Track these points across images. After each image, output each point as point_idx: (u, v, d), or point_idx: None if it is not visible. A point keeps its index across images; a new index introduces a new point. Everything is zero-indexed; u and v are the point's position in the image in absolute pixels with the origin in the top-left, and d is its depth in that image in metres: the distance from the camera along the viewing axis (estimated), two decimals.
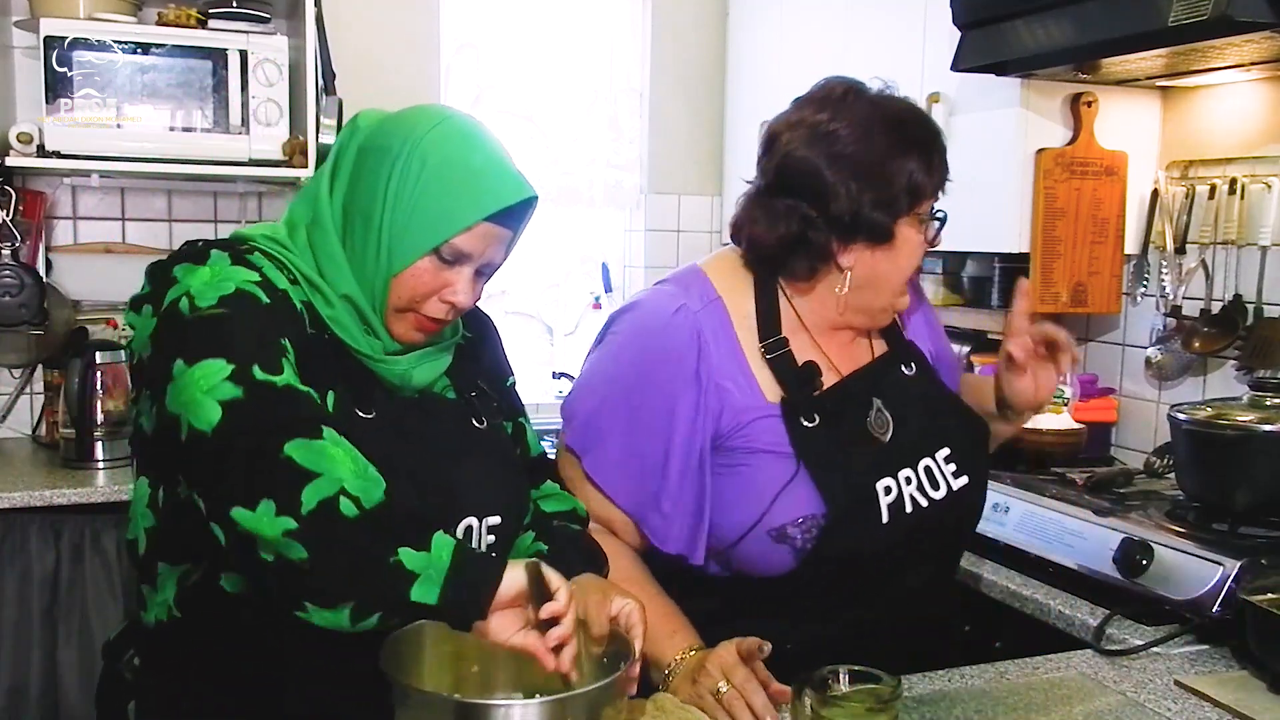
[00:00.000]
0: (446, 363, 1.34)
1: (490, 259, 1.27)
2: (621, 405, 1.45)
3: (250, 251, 1.23)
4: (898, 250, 1.44)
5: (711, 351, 1.44)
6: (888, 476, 1.45)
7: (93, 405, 2.68)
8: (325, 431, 1.07)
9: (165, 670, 1.29)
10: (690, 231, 3.68)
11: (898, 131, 1.42)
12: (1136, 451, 2.48)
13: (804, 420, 1.43)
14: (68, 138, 2.60)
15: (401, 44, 3.26)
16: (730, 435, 1.43)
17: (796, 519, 1.40)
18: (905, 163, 1.41)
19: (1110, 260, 2.45)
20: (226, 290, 1.14)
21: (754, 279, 1.50)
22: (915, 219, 1.44)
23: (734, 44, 3.53)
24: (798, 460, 1.41)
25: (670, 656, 1.35)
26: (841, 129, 1.41)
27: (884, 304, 1.49)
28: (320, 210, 1.26)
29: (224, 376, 1.06)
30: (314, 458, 1.04)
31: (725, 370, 1.44)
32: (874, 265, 1.45)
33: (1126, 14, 1.91)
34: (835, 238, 1.42)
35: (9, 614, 2.43)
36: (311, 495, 1.02)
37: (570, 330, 3.71)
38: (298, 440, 1.04)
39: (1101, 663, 1.53)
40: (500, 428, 1.41)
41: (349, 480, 1.04)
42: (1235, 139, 2.31)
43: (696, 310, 1.46)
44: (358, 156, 1.25)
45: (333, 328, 1.24)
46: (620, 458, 1.45)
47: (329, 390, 1.21)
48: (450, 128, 1.25)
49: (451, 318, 1.28)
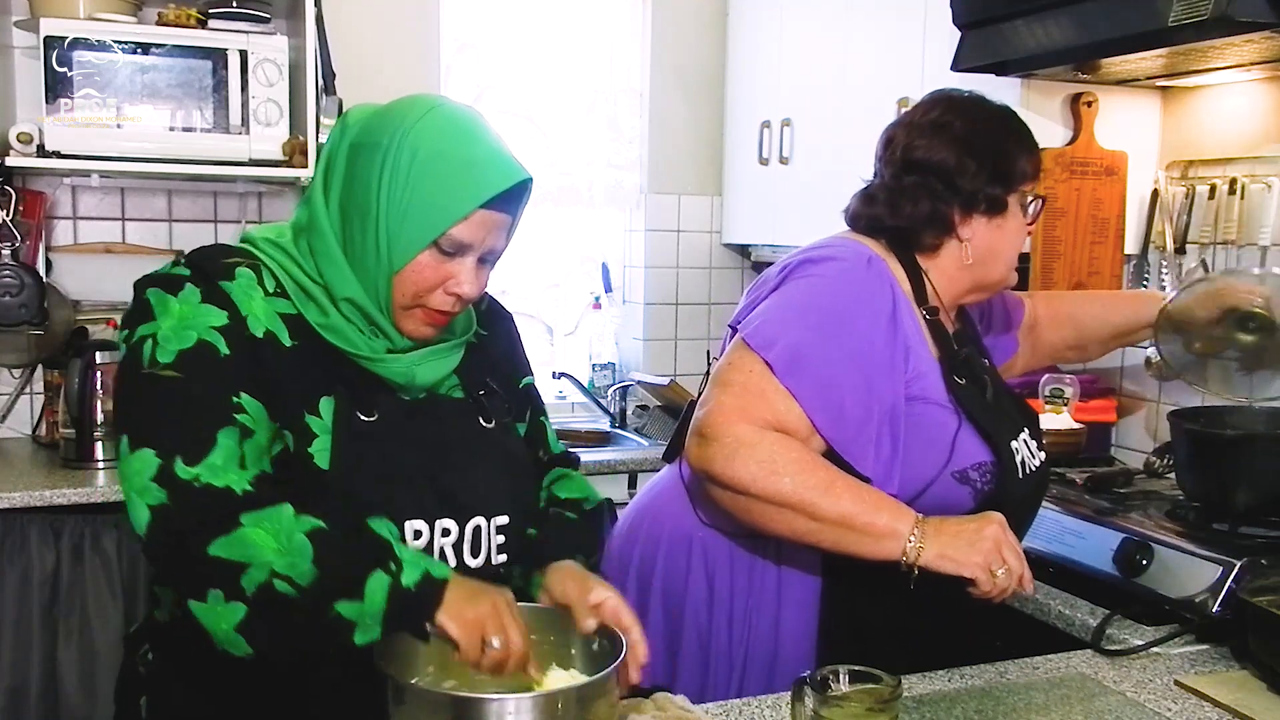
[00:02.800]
0: (454, 361, 1.33)
1: (492, 246, 1.27)
2: (830, 336, 1.48)
3: (236, 266, 1.23)
4: (1009, 223, 1.61)
5: (900, 302, 1.55)
6: (1010, 439, 1.59)
7: (93, 405, 2.69)
8: (243, 518, 1.11)
9: (176, 667, 1.30)
10: (690, 231, 3.68)
11: (1005, 121, 1.64)
12: (1136, 451, 2.48)
13: (957, 378, 1.57)
14: (68, 138, 2.60)
15: (401, 44, 3.26)
16: (911, 383, 1.52)
17: (974, 463, 1.54)
18: (1017, 145, 1.61)
19: (1110, 260, 2.45)
20: (187, 343, 1.18)
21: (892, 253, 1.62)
22: (1022, 196, 1.62)
23: (734, 44, 3.53)
24: (958, 413, 1.54)
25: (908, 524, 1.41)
26: (956, 120, 1.59)
27: (999, 276, 1.64)
28: (317, 213, 1.26)
29: (150, 476, 1.12)
30: (238, 549, 1.09)
31: (907, 321, 1.55)
32: (989, 236, 1.60)
33: (1126, 14, 1.91)
34: (958, 210, 1.58)
35: (9, 614, 2.43)
36: (249, 582, 1.09)
37: (570, 330, 3.71)
38: (218, 540, 1.10)
39: (1101, 663, 1.53)
40: (510, 428, 1.40)
41: (276, 561, 1.09)
42: (1235, 139, 2.31)
43: (881, 265, 1.57)
44: (349, 154, 1.25)
45: (326, 336, 1.24)
46: (824, 383, 1.46)
47: (327, 396, 1.22)
48: (438, 117, 1.24)
49: (459, 309, 1.28)
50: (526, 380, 1.48)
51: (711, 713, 1.33)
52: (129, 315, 1.23)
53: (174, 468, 1.12)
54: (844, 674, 1.16)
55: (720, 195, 3.66)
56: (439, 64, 3.33)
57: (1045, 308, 2.01)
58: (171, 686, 1.30)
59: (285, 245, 1.27)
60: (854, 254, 1.57)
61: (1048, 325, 1.99)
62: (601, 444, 3.41)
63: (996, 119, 1.63)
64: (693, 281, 3.69)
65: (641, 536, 1.67)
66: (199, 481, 1.12)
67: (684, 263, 3.67)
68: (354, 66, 3.05)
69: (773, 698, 1.37)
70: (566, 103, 3.52)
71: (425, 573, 1.13)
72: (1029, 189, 1.63)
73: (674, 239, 3.67)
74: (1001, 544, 1.40)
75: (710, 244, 3.68)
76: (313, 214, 1.26)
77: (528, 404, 1.47)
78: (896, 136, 1.63)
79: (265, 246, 1.27)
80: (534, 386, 1.49)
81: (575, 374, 3.61)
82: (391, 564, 1.12)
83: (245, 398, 1.17)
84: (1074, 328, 2.01)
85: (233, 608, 1.09)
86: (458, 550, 1.27)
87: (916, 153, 1.59)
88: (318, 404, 1.22)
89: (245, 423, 1.17)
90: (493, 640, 1.12)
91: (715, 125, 3.62)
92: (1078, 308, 2.04)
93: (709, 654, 1.58)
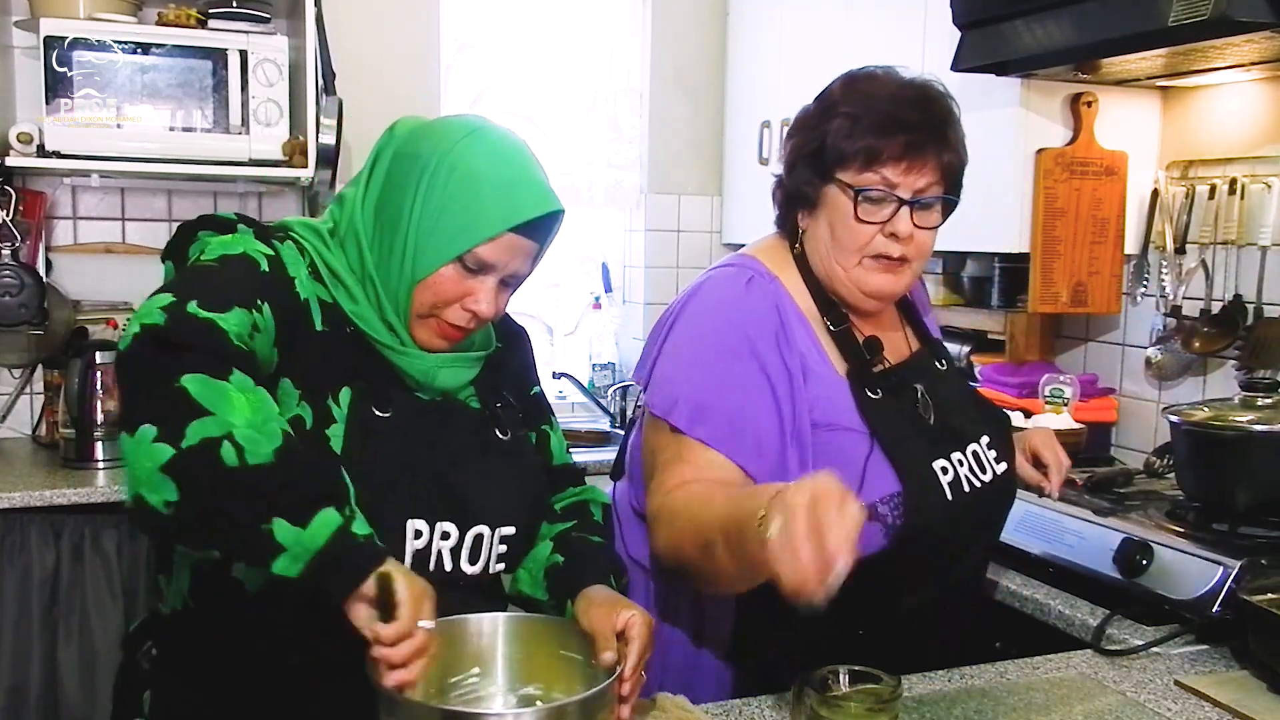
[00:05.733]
0: (474, 372, 1.35)
1: (515, 270, 1.28)
2: (721, 379, 1.39)
3: (284, 238, 1.26)
4: (829, 217, 1.43)
5: (790, 319, 1.44)
6: (941, 458, 1.45)
7: (93, 405, 2.68)
8: (233, 375, 1.02)
9: (180, 661, 1.30)
10: (690, 231, 3.68)
11: (849, 97, 1.42)
12: (1136, 451, 2.48)
13: (869, 392, 1.42)
14: (68, 138, 2.60)
15: (401, 44, 3.26)
16: (814, 407, 1.40)
17: (884, 496, 1.38)
18: (828, 125, 1.41)
19: (1110, 260, 2.45)
20: (233, 251, 1.19)
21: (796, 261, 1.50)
22: (845, 188, 1.41)
23: (734, 44, 3.53)
24: (871, 437, 1.40)
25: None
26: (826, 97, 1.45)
27: (839, 278, 1.45)
28: (353, 214, 1.28)
29: (159, 305, 1.05)
30: (211, 395, 1.00)
31: (801, 339, 1.43)
32: (814, 232, 1.47)
33: (1126, 14, 1.91)
34: (788, 200, 1.47)
35: (9, 614, 2.43)
36: (196, 431, 0.98)
37: (570, 330, 3.71)
38: (199, 375, 1.00)
39: (1101, 663, 1.53)
40: (524, 440, 1.42)
41: (239, 428, 0.99)
42: (1235, 139, 2.31)
43: (765, 283, 1.46)
44: (392, 162, 1.27)
45: (357, 323, 1.25)
46: (731, 419, 1.36)
47: (346, 386, 1.22)
48: (482, 138, 1.26)
49: (473, 326, 1.29)
50: (535, 389, 1.50)
51: (711, 713, 1.33)
52: (173, 245, 1.25)
53: (185, 304, 1.06)
54: (844, 674, 1.16)
55: (720, 195, 3.66)
56: (439, 64, 3.33)
57: None
58: (174, 682, 1.30)
59: (323, 234, 1.29)
60: (733, 277, 1.47)
61: None
62: (601, 444, 3.41)
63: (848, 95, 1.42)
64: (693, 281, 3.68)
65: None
66: (205, 317, 1.05)
67: (684, 263, 3.67)
68: (354, 66, 3.06)
69: (773, 698, 1.37)
70: (566, 103, 3.52)
71: (372, 535, 1.05)
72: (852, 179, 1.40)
73: (674, 239, 3.67)
74: (792, 506, 1.02)
75: (710, 244, 3.68)
76: (350, 213, 1.28)
77: (536, 412, 1.48)
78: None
79: (303, 231, 1.29)
80: (543, 395, 1.51)
81: (575, 374, 3.61)
82: (346, 510, 1.05)
83: (266, 310, 1.15)
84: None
85: (160, 448, 0.98)
86: (455, 555, 1.27)
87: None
88: (339, 392, 1.22)
89: (259, 322, 1.14)
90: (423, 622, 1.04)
91: (715, 125, 3.62)
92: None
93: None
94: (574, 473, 1.52)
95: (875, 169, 1.40)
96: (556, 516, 1.44)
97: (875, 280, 1.45)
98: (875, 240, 1.42)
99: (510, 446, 1.36)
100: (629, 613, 1.21)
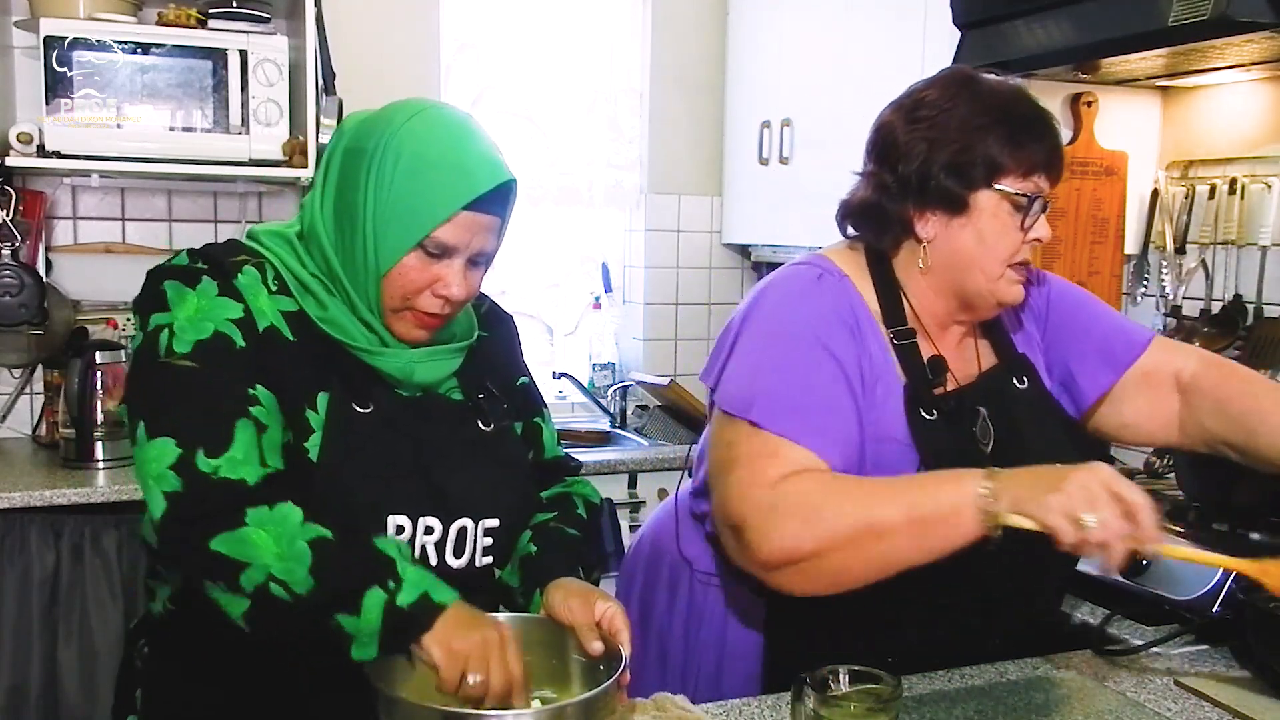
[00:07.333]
0: (455, 364, 1.34)
1: (480, 248, 1.27)
2: (798, 364, 1.36)
3: (244, 264, 1.25)
4: (977, 224, 1.40)
5: (861, 318, 1.41)
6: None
7: (93, 405, 2.68)
8: (248, 515, 1.11)
9: (169, 660, 1.31)
10: (690, 231, 3.68)
11: (984, 101, 1.40)
12: (1137, 451, 2.48)
13: (924, 412, 1.39)
14: (68, 138, 2.60)
15: (401, 44, 3.26)
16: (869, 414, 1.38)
17: None
18: (986, 133, 1.38)
19: (1110, 260, 2.45)
20: (204, 334, 1.19)
21: (869, 267, 1.47)
22: (999, 195, 1.39)
23: (734, 44, 3.53)
24: (919, 456, 1.36)
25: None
26: (930, 96, 1.41)
27: (978, 288, 1.42)
28: (313, 216, 1.28)
29: (169, 464, 1.12)
30: (238, 547, 1.10)
31: (871, 340, 1.41)
32: (952, 239, 1.41)
33: (1126, 14, 1.91)
34: (911, 204, 1.41)
35: (9, 614, 2.43)
36: (248, 581, 1.10)
37: (570, 330, 3.71)
38: (221, 535, 1.10)
39: (1101, 663, 1.53)
40: (509, 431, 1.40)
41: (274, 565, 1.10)
42: (1235, 139, 2.31)
43: (835, 281, 1.43)
44: (342, 159, 1.26)
45: (325, 328, 1.25)
46: (814, 410, 1.34)
47: (323, 391, 1.23)
48: (423, 120, 1.24)
49: (449, 311, 1.28)
50: (523, 380, 1.48)
51: (711, 713, 1.33)
52: (143, 302, 1.24)
53: (195, 459, 1.12)
54: (844, 674, 1.16)
55: (720, 195, 3.65)
56: (439, 64, 3.33)
57: (1209, 379, 1.53)
58: (166, 679, 1.31)
59: (290, 239, 1.29)
60: (803, 273, 1.44)
61: (1203, 405, 1.52)
62: (601, 444, 3.41)
63: (978, 97, 1.40)
64: (693, 281, 3.69)
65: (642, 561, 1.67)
66: (217, 474, 1.12)
67: (684, 263, 3.67)
68: (354, 66, 3.05)
69: (773, 698, 1.37)
70: (566, 103, 3.52)
71: (424, 594, 1.12)
72: (1010, 185, 1.39)
73: (674, 239, 3.67)
74: (1095, 494, 1.14)
75: (710, 244, 3.68)
76: (310, 217, 1.28)
77: (524, 404, 1.47)
78: (882, 120, 1.46)
79: (268, 241, 1.29)
80: (530, 386, 1.49)
81: (575, 374, 3.60)
82: (391, 582, 1.11)
83: (260, 390, 1.19)
84: (1244, 432, 1.48)
85: (237, 599, 1.11)
86: (440, 549, 1.27)
87: (875, 133, 1.45)
88: (315, 398, 1.23)
89: (259, 416, 1.18)
90: (470, 676, 1.10)
91: (715, 125, 3.62)
92: (1258, 405, 1.47)
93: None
94: (565, 466, 1.51)
95: (1032, 176, 1.40)
96: (543, 507, 1.44)
97: (1013, 291, 1.44)
98: (1022, 248, 1.42)
99: (493, 438, 1.35)
100: (606, 605, 1.22)
